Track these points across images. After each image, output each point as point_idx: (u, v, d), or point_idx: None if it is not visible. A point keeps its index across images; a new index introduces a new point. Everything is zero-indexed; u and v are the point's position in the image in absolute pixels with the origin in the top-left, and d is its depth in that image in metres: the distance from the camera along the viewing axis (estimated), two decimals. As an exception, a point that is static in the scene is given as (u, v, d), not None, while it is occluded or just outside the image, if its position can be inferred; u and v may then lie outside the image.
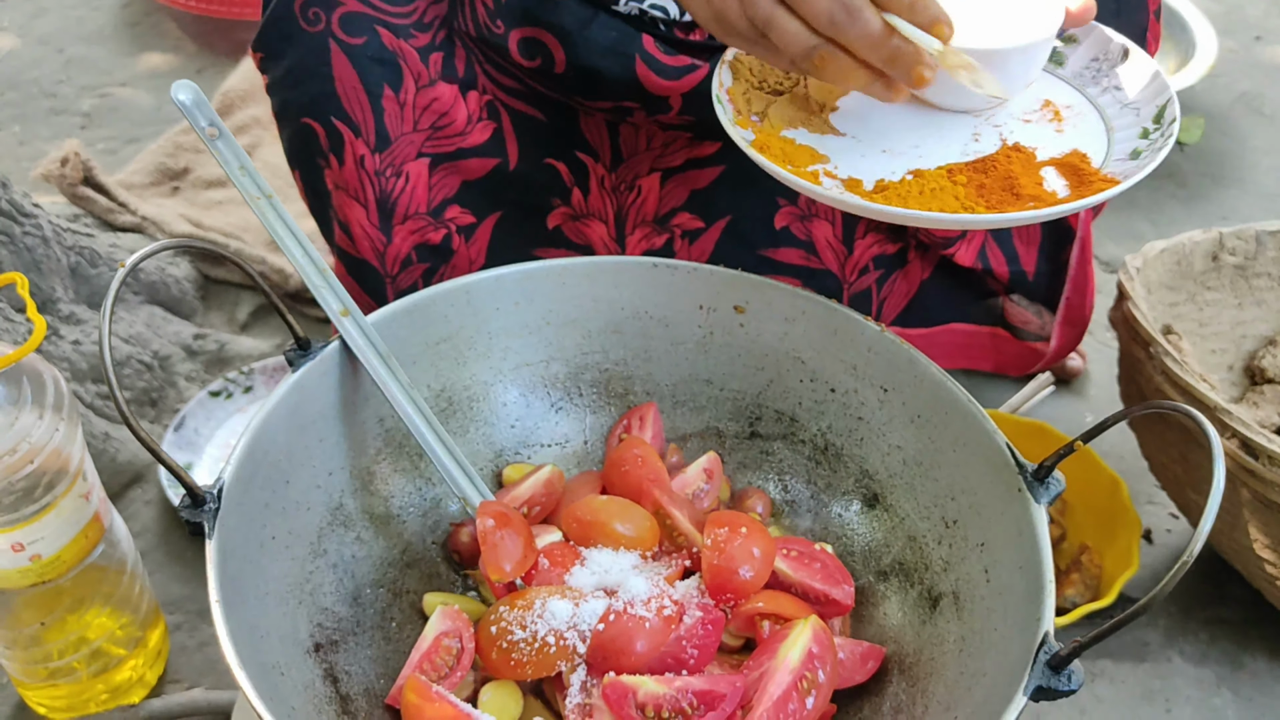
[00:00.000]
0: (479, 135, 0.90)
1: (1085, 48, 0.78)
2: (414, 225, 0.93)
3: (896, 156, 0.74)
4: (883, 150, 0.74)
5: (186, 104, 0.71)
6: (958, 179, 0.70)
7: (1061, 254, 1.06)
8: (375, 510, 0.73)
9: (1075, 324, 1.11)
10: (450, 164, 0.91)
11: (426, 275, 0.95)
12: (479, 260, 0.95)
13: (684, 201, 0.95)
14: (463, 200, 0.93)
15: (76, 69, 1.85)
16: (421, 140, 0.90)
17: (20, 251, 1.23)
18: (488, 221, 0.94)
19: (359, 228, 0.92)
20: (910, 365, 0.72)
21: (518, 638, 0.63)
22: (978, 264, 1.03)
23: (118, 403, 0.56)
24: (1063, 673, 0.55)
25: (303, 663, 0.62)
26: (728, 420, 0.81)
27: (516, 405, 0.80)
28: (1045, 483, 0.64)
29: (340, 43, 0.86)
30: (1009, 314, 1.09)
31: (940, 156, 0.73)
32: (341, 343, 0.71)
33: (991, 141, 0.74)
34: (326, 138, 0.90)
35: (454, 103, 0.89)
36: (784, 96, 0.78)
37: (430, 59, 0.87)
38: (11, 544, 0.89)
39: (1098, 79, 0.77)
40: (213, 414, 1.27)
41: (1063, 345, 1.12)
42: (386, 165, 0.90)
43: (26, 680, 1.01)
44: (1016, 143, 0.74)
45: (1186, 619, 1.11)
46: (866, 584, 0.73)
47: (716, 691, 0.62)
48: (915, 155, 0.73)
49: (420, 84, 0.88)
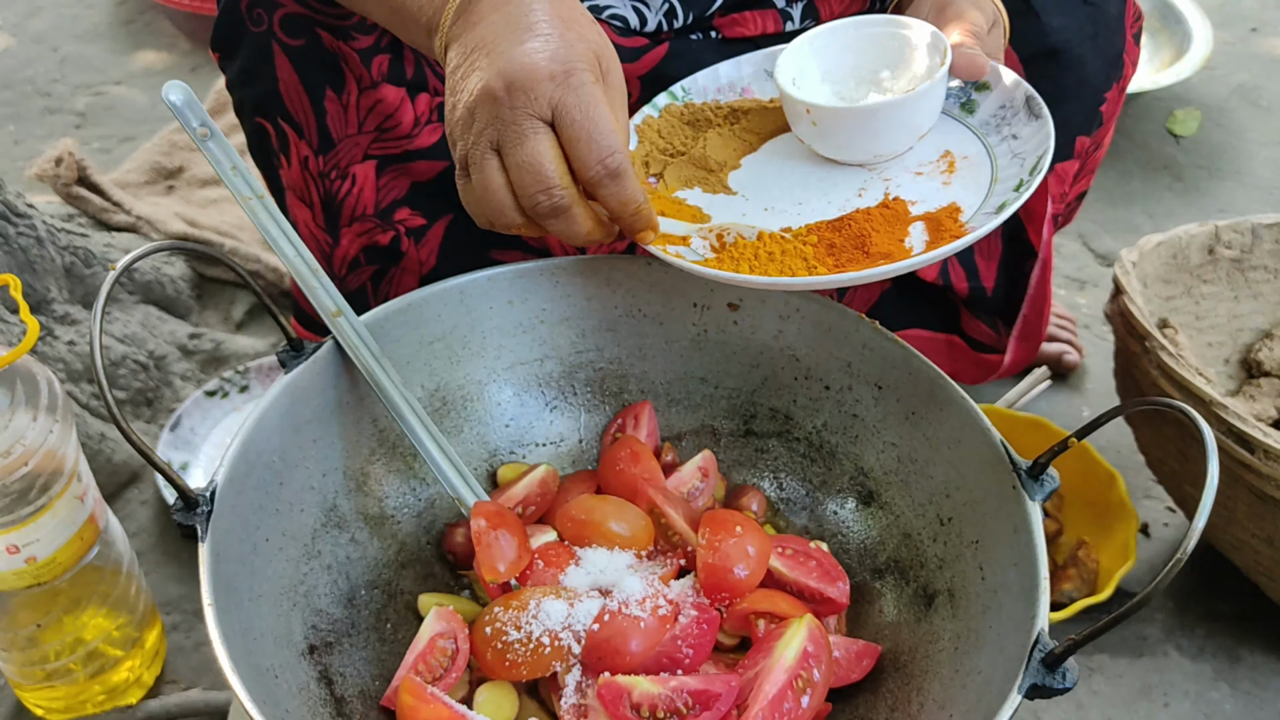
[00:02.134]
0: (428, 137, 0.89)
1: (995, 95, 0.78)
2: (361, 227, 0.92)
3: (777, 214, 0.75)
4: (765, 209, 0.75)
5: (178, 104, 0.71)
6: (808, 240, 0.71)
7: (1020, 269, 1.05)
8: (370, 511, 0.73)
9: (1030, 339, 1.10)
10: (399, 166, 0.90)
11: (375, 277, 0.95)
12: (430, 262, 0.94)
13: None
14: (413, 202, 0.92)
15: (71, 68, 1.85)
16: (368, 142, 0.89)
17: (14, 252, 1.23)
18: (439, 223, 0.93)
19: (305, 229, 0.92)
20: (905, 363, 0.72)
21: (513, 638, 0.63)
22: (939, 280, 1.03)
23: (109, 404, 0.56)
24: (1057, 671, 0.55)
25: (297, 665, 0.62)
26: (722, 418, 0.81)
27: (511, 404, 0.80)
28: (1040, 480, 0.64)
29: (281, 44, 0.85)
30: (965, 325, 1.09)
31: (815, 213, 0.74)
32: (335, 343, 0.70)
33: (874, 196, 0.75)
34: (276, 138, 0.90)
35: (400, 104, 0.88)
36: (683, 157, 0.80)
37: (374, 61, 0.86)
38: (7, 546, 0.89)
39: (1000, 127, 0.77)
40: (209, 413, 1.27)
41: (1016, 360, 1.12)
42: (331, 167, 0.89)
43: (23, 682, 1.01)
44: (896, 196, 0.74)
45: (1184, 613, 1.11)
46: (862, 582, 0.73)
47: (712, 691, 0.62)
48: (795, 213, 0.75)
49: (363, 85, 0.86)
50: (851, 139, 0.76)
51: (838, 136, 0.76)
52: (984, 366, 1.10)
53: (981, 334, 1.08)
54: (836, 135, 0.76)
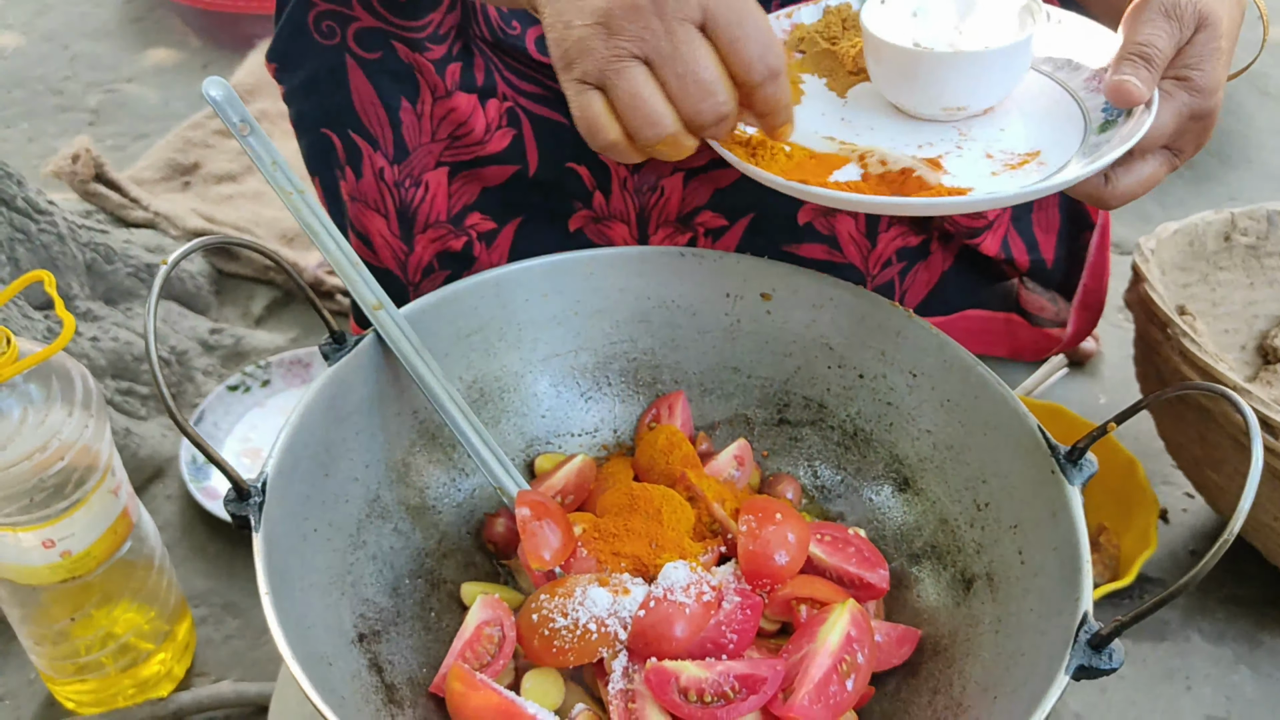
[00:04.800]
0: (498, 143, 0.90)
1: None
2: (435, 234, 0.93)
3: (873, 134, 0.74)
4: (869, 128, 0.75)
5: (218, 100, 0.71)
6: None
7: (1078, 241, 1.06)
8: (411, 502, 0.73)
9: (1091, 309, 1.11)
10: (469, 172, 0.91)
11: (448, 282, 0.96)
12: (501, 265, 0.96)
13: (707, 200, 0.95)
14: (483, 207, 0.93)
15: (82, 65, 1.85)
16: (440, 150, 0.90)
17: (36, 249, 1.23)
18: (509, 227, 0.94)
19: (380, 238, 0.92)
20: (939, 350, 0.73)
21: (559, 625, 0.64)
22: (1001, 253, 1.04)
23: (164, 397, 0.57)
24: (1104, 651, 0.56)
25: (348, 653, 0.63)
26: (756, 407, 0.81)
27: (547, 395, 0.81)
28: (1078, 464, 0.65)
29: (356, 58, 0.86)
30: (1024, 300, 1.10)
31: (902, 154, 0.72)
32: (375, 336, 0.71)
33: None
34: (344, 150, 0.90)
35: (472, 112, 0.88)
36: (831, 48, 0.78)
37: (447, 70, 0.87)
38: (42, 540, 0.89)
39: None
40: (231, 408, 1.28)
41: (1079, 330, 1.13)
42: (405, 176, 0.90)
43: (55, 675, 1.02)
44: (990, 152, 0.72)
45: (1205, 598, 1.12)
46: (899, 567, 0.74)
47: (758, 675, 0.62)
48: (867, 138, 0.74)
49: (437, 94, 0.87)
50: (924, 87, 0.72)
51: (908, 82, 0.73)
52: (1044, 341, 1.11)
53: (1041, 308, 1.09)
54: (907, 81, 0.73)
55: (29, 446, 0.85)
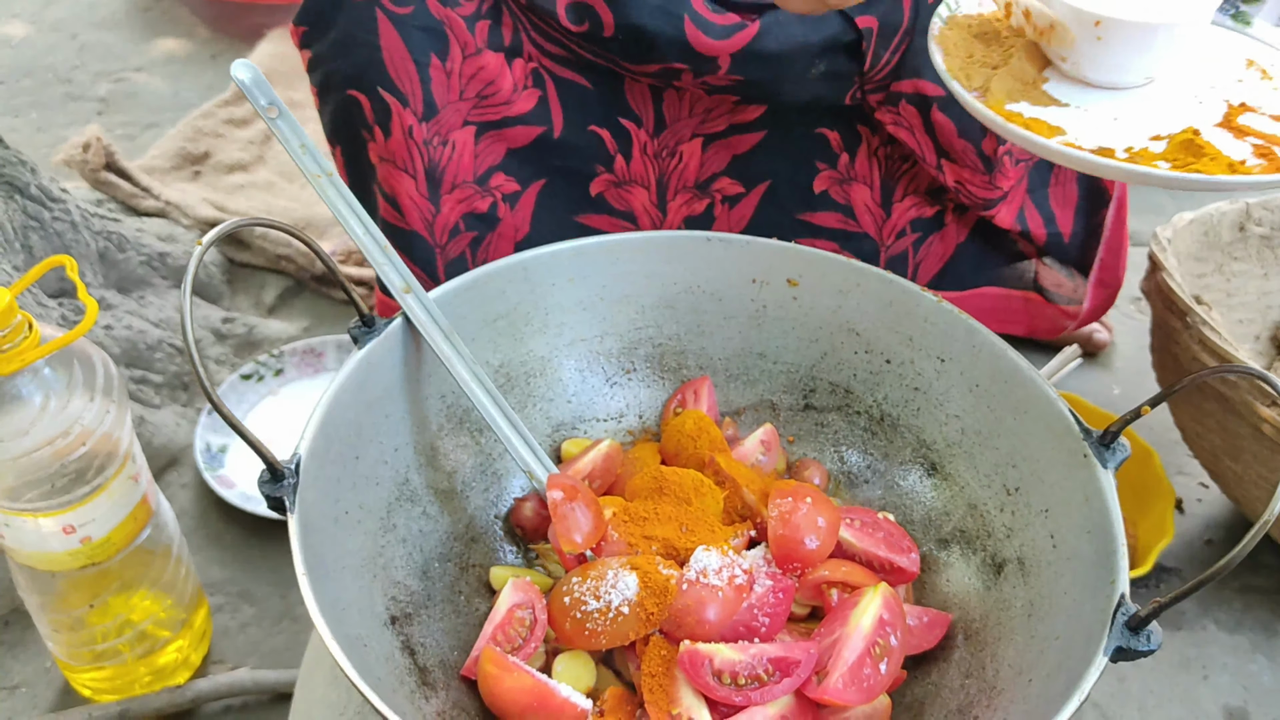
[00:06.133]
0: (524, 103, 0.90)
1: (1270, 6, 0.77)
2: (461, 194, 0.93)
3: (1128, 123, 0.71)
4: (1114, 119, 0.72)
5: (246, 82, 0.71)
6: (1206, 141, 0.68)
7: (1096, 216, 1.06)
8: (440, 486, 0.73)
9: (1109, 285, 1.11)
10: (495, 132, 0.91)
11: (474, 244, 0.96)
12: (524, 228, 0.96)
13: (725, 167, 0.95)
14: (507, 168, 0.93)
15: (90, 55, 1.85)
16: (467, 109, 0.90)
17: (50, 236, 1.23)
18: (532, 189, 0.94)
19: (408, 199, 0.92)
20: (968, 335, 0.73)
21: (591, 608, 0.64)
22: (1016, 225, 1.03)
23: (200, 379, 0.56)
24: (1141, 633, 0.56)
25: (381, 635, 0.63)
26: (781, 393, 0.81)
27: (573, 380, 0.81)
28: (1111, 448, 0.65)
29: (387, 12, 0.86)
30: (1041, 277, 1.10)
31: (1175, 122, 0.71)
32: (404, 319, 0.71)
33: (1216, 106, 0.72)
34: (372, 109, 0.90)
35: (500, 71, 0.89)
36: (1000, 70, 0.76)
37: (477, 27, 0.87)
38: (63, 526, 0.89)
39: None
40: (244, 396, 1.27)
41: (1096, 306, 1.13)
42: (434, 134, 0.90)
43: (72, 663, 1.02)
44: (1243, 102, 0.72)
45: (1221, 587, 1.12)
46: (928, 552, 0.74)
47: (791, 658, 0.62)
48: (1148, 122, 0.71)
49: (467, 52, 0.88)
50: (1139, 57, 0.72)
51: (1125, 54, 0.72)
52: (1062, 318, 1.11)
53: (1058, 285, 1.09)
54: (1124, 53, 0.72)
55: (50, 432, 0.85)
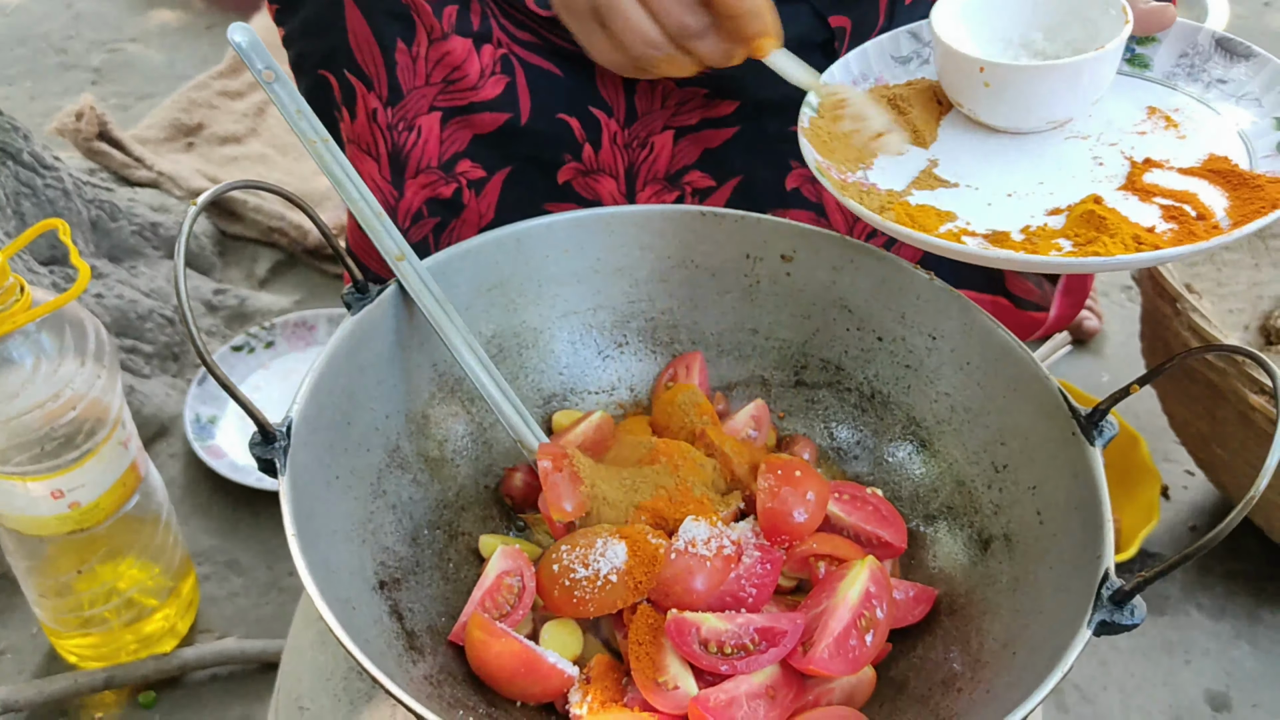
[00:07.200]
0: (491, 89, 0.89)
1: (1168, 45, 0.74)
2: (425, 179, 0.93)
3: (1023, 199, 0.70)
4: (1008, 194, 0.71)
5: (243, 46, 0.71)
6: (1109, 210, 0.66)
7: None
8: (430, 454, 0.73)
9: (1075, 293, 1.11)
10: (462, 118, 0.91)
11: (437, 230, 0.95)
12: (488, 215, 0.95)
13: (696, 160, 0.95)
14: (473, 154, 0.93)
15: (85, 24, 1.84)
16: (434, 94, 0.89)
17: (42, 204, 1.22)
18: (498, 176, 0.93)
19: (371, 181, 0.92)
20: (961, 313, 0.73)
21: (580, 576, 0.64)
22: None
23: (194, 340, 0.56)
24: (1125, 607, 0.57)
25: (370, 599, 0.63)
26: (773, 369, 0.82)
27: (565, 352, 0.81)
28: (1099, 426, 0.65)
29: None
30: (1010, 283, 1.10)
31: (1074, 190, 0.69)
32: (398, 286, 0.71)
33: (1118, 165, 0.70)
34: (340, 91, 0.90)
35: (467, 56, 0.88)
36: (886, 137, 0.75)
37: (444, 12, 0.86)
38: (51, 491, 0.89)
39: (1194, 76, 0.73)
40: (235, 368, 1.27)
41: (1062, 315, 1.13)
42: (399, 119, 0.90)
43: (59, 629, 1.02)
44: (1147, 158, 0.70)
45: (1204, 573, 1.13)
46: (915, 528, 0.74)
47: (778, 628, 0.63)
48: (1045, 194, 0.70)
49: (433, 37, 0.87)
50: (1031, 103, 0.71)
51: (1016, 100, 0.71)
52: (1029, 324, 1.12)
53: (1027, 291, 1.09)
54: (1015, 99, 0.71)
55: (40, 396, 0.85)
